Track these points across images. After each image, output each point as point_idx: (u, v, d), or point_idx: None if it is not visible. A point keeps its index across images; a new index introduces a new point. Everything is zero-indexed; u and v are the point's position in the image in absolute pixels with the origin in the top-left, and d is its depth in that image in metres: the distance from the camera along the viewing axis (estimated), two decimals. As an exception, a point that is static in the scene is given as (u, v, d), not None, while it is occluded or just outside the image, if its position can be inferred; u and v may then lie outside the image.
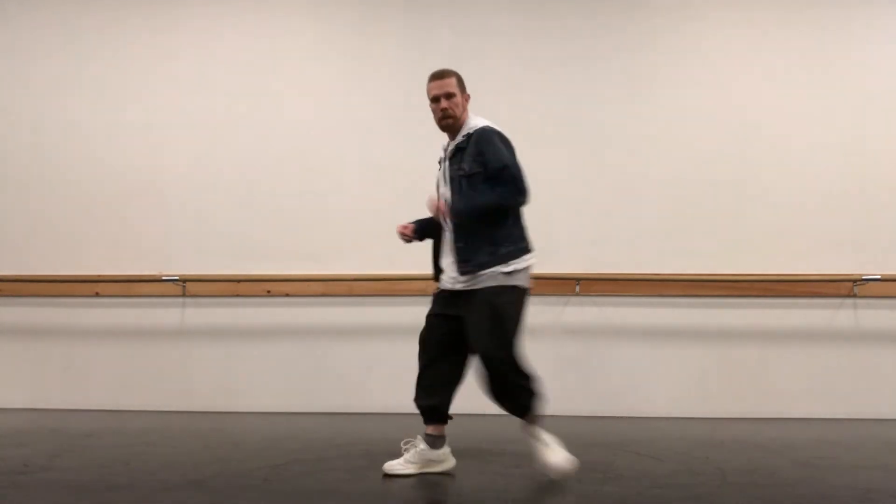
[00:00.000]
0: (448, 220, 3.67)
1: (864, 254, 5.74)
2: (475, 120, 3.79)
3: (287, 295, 5.97)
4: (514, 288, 3.65)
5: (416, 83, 5.92)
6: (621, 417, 5.62)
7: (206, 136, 6.11)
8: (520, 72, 5.95)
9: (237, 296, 5.98)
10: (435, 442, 3.74)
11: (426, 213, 3.79)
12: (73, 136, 6.18)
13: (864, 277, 5.65)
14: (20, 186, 6.19)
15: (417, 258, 4.51)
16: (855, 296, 5.72)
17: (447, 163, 3.80)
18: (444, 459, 3.78)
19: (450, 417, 3.80)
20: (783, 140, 5.87)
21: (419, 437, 3.75)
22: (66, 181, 6.15)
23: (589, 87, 5.97)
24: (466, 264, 3.64)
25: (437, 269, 3.88)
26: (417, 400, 3.78)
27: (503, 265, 3.63)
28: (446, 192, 3.75)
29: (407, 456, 3.74)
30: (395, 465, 3.71)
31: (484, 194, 3.62)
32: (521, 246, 3.69)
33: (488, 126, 3.73)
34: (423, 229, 3.91)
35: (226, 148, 6.10)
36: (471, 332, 3.62)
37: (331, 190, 6.00)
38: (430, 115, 3.87)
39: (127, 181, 6.12)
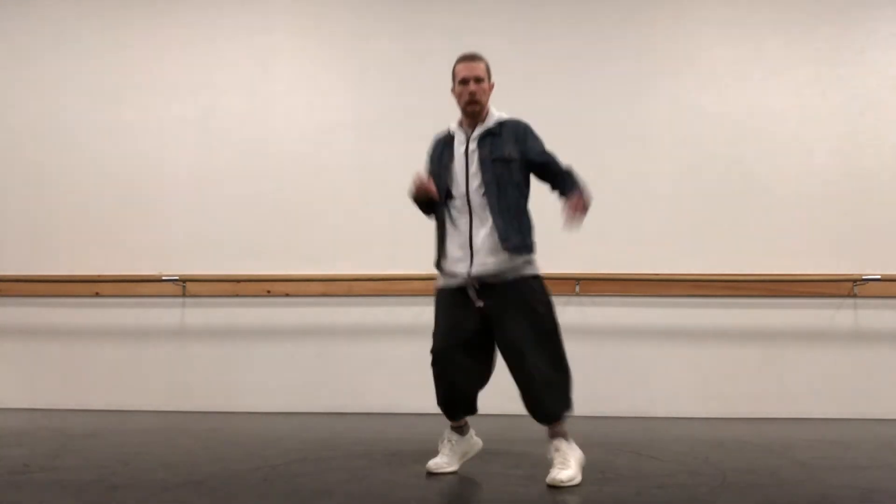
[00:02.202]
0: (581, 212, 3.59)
1: (864, 254, 5.74)
2: (499, 112, 3.75)
3: (287, 295, 5.97)
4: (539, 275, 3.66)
5: (416, 83, 5.99)
6: (621, 417, 5.62)
7: (206, 136, 6.12)
8: (519, 72, 5.94)
9: (237, 296, 5.98)
10: (462, 430, 3.75)
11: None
12: (73, 137, 6.19)
13: (864, 277, 5.66)
14: (20, 187, 6.20)
15: (417, 258, 4.50)
16: (855, 296, 5.72)
17: (471, 146, 3.66)
18: (475, 442, 3.81)
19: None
20: (783, 140, 5.88)
21: (447, 432, 3.73)
22: (66, 181, 6.16)
23: (589, 86, 5.97)
24: (507, 242, 3.56)
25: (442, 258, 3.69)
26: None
27: (530, 254, 3.64)
28: (462, 175, 3.62)
29: (444, 451, 3.71)
30: (440, 464, 3.66)
31: (571, 173, 3.69)
32: (533, 238, 3.71)
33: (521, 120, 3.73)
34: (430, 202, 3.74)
35: (225, 148, 6.10)
36: (514, 341, 3.56)
37: (330, 190, 6.01)
38: (429, 115, 3.88)
39: (127, 181, 6.13)
